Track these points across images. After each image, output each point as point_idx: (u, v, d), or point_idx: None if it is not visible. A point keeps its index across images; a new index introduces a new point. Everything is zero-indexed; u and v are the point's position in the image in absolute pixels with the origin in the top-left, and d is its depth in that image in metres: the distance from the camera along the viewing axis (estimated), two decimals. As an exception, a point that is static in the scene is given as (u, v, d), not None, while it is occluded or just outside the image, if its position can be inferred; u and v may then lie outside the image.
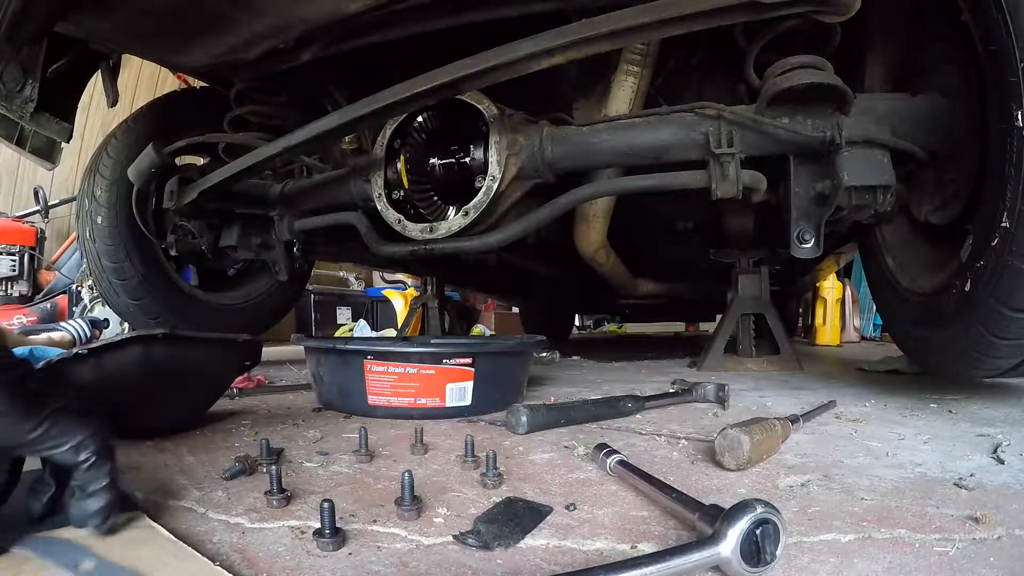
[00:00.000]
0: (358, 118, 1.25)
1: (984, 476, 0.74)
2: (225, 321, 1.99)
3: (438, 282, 2.88)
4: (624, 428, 1.05)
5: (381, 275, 5.15)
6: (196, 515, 0.63)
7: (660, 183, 1.31)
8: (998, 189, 0.95)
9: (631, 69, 1.44)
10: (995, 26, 0.92)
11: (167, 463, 0.82)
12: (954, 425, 1.06)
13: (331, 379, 1.23)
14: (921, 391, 1.43)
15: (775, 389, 1.54)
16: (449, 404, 1.12)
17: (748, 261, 2.09)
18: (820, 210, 1.27)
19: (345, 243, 1.94)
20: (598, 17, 1.07)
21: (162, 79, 4.21)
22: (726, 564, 0.47)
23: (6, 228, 3.45)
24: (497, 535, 0.56)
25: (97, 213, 1.70)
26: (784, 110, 1.23)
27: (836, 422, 1.10)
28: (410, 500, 0.62)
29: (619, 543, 0.55)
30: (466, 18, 1.29)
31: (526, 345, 1.33)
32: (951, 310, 1.10)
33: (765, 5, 1.01)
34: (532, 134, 1.36)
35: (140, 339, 0.98)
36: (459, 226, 1.38)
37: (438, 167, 1.51)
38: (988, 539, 0.55)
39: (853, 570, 0.49)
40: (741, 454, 0.76)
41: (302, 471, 0.79)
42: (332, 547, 0.53)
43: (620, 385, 1.66)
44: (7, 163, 4.40)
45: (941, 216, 1.27)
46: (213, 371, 1.12)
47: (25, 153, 1.69)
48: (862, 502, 0.65)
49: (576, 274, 2.44)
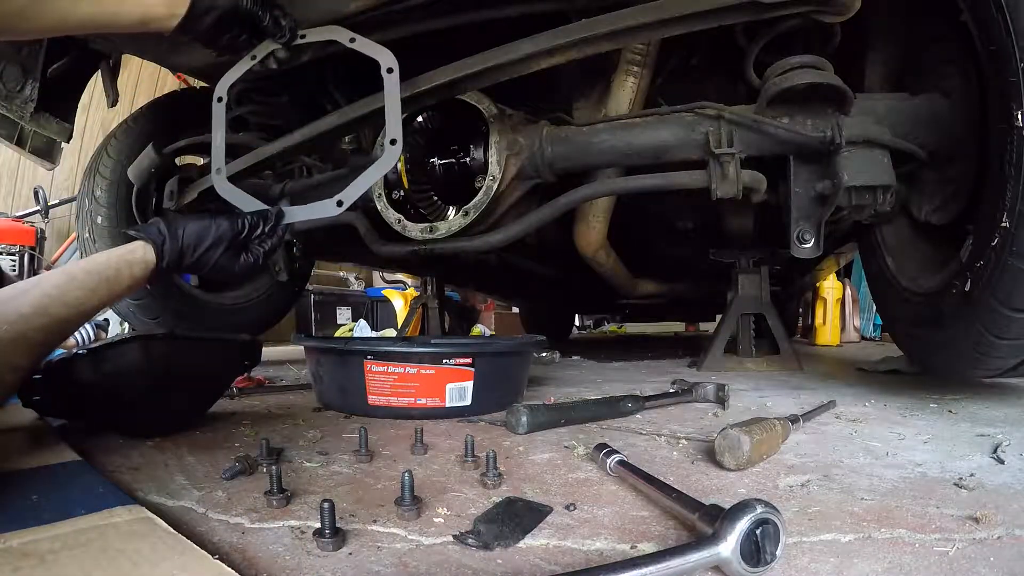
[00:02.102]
0: (358, 118, 1.25)
1: (984, 476, 0.74)
2: (225, 321, 1.99)
3: (438, 282, 2.88)
4: (624, 428, 1.05)
5: (381, 275, 5.15)
6: (196, 515, 0.63)
7: (660, 183, 1.31)
8: (998, 189, 0.95)
9: (631, 69, 1.44)
10: (995, 26, 0.92)
11: (167, 463, 0.82)
12: (954, 425, 1.06)
13: (331, 379, 1.23)
14: (921, 391, 1.43)
15: (775, 389, 1.54)
16: (449, 404, 1.12)
17: (748, 261, 2.09)
18: (820, 210, 1.27)
19: (345, 243, 1.94)
20: (598, 17, 1.07)
21: (162, 79, 4.21)
22: (726, 564, 0.47)
23: (6, 228, 3.45)
24: (497, 535, 0.56)
25: (97, 213, 1.70)
26: (784, 110, 1.23)
27: (836, 422, 1.10)
28: (410, 500, 0.62)
29: (619, 543, 0.55)
30: (466, 18, 1.29)
31: (526, 345, 1.33)
32: (951, 310, 1.10)
33: (765, 5, 1.01)
34: (532, 134, 1.36)
35: (140, 339, 0.99)
36: (459, 226, 1.38)
37: (438, 167, 1.51)
38: (988, 539, 0.55)
39: (853, 570, 0.49)
40: (741, 454, 0.76)
41: (302, 471, 0.79)
42: (332, 547, 0.53)
43: (620, 385, 1.66)
44: (7, 163, 4.41)
45: (941, 216, 1.27)
46: (213, 371, 1.12)
47: (25, 153, 1.69)
48: (862, 502, 0.65)
49: (576, 274, 2.44)
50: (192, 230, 0.91)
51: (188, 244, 0.89)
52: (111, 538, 0.51)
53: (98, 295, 0.81)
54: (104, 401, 0.95)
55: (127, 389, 0.95)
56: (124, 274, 0.84)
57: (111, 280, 0.82)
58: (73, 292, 0.79)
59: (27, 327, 0.74)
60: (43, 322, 0.75)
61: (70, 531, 0.52)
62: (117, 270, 0.83)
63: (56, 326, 0.77)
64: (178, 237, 0.89)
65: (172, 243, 0.88)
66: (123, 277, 0.83)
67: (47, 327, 0.76)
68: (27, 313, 0.74)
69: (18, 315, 0.73)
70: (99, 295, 0.81)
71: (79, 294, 0.79)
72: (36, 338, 0.75)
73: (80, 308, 0.79)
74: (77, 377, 0.92)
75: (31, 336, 0.74)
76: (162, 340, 1.02)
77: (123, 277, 0.83)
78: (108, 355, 0.95)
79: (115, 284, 0.82)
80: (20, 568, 0.46)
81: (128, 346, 0.97)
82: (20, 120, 1.42)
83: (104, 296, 0.82)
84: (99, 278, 0.82)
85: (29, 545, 0.50)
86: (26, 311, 0.74)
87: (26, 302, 0.75)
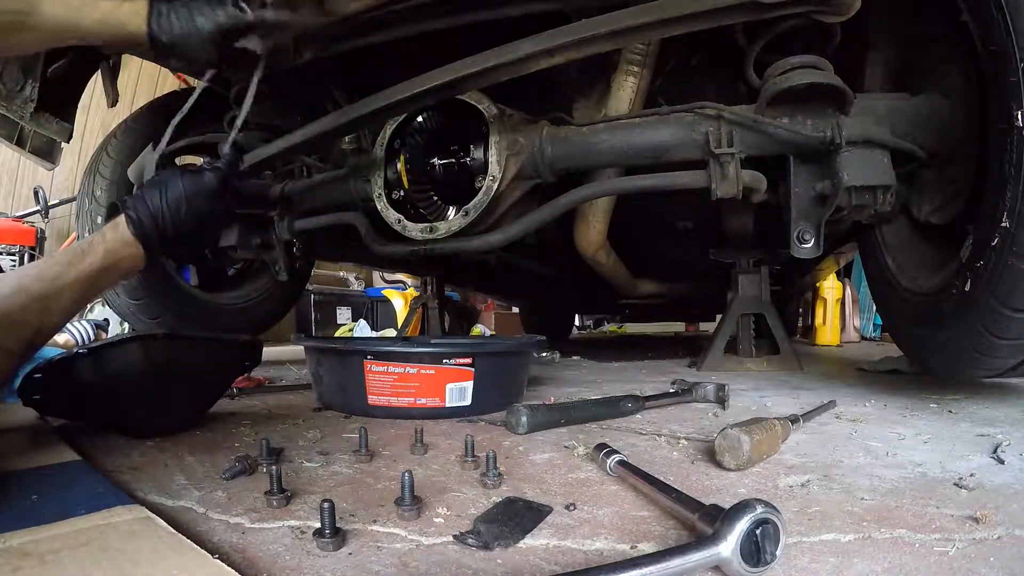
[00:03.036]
0: (358, 118, 1.25)
1: (984, 476, 0.74)
2: (225, 321, 1.99)
3: (438, 282, 2.88)
4: (624, 428, 1.05)
5: (381, 275, 5.15)
6: (196, 515, 0.63)
7: (660, 183, 1.31)
8: (998, 189, 0.95)
9: (631, 69, 1.44)
10: (995, 26, 0.92)
11: (167, 463, 0.82)
12: (954, 425, 1.06)
13: (331, 379, 1.23)
14: (921, 391, 1.43)
15: (775, 389, 1.54)
16: (449, 404, 1.12)
17: (748, 261, 2.09)
18: (820, 210, 1.27)
19: (345, 243, 1.94)
20: (598, 17, 1.07)
21: (162, 79, 4.20)
22: (726, 564, 0.47)
23: (6, 228, 3.45)
24: (497, 535, 0.56)
25: (97, 213, 1.70)
26: (784, 110, 1.23)
27: (836, 422, 1.10)
28: (410, 500, 0.62)
29: (619, 543, 0.55)
30: (466, 18, 1.29)
31: (526, 345, 1.33)
32: (951, 310, 1.10)
33: (765, 5, 1.01)
34: (532, 134, 1.36)
35: (140, 339, 0.99)
36: (459, 226, 1.38)
37: (438, 167, 1.51)
38: (988, 539, 0.55)
39: (853, 570, 0.49)
40: (741, 454, 0.76)
41: (302, 471, 0.79)
42: (332, 547, 0.53)
43: (620, 385, 1.66)
44: (7, 163, 4.41)
45: (941, 216, 1.27)
46: (213, 371, 1.12)
47: (25, 153, 1.68)
48: (862, 502, 0.65)
49: (576, 274, 2.44)
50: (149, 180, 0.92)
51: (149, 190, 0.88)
52: (111, 538, 0.51)
53: (75, 268, 0.82)
54: (104, 401, 0.95)
55: (127, 389, 0.95)
56: (96, 240, 0.85)
57: (86, 251, 0.84)
58: (50, 268, 0.82)
59: (8, 306, 0.76)
60: (22, 300, 0.78)
61: (70, 531, 0.52)
62: (91, 242, 0.85)
63: (36, 304, 0.79)
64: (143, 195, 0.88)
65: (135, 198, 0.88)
66: (95, 244, 0.85)
67: (26, 305, 0.78)
68: (7, 292, 0.77)
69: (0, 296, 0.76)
70: (76, 266, 0.82)
71: (56, 269, 0.82)
72: (19, 317, 0.77)
73: (56, 282, 0.81)
74: (77, 376, 0.92)
75: (15, 316, 0.77)
76: (162, 340, 1.01)
77: (95, 244, 0.85)
78: (108, 355, 0.95)
79: (88, 252, 0.84)
80: (20, 568, 0.46)
81: (128, 346, 0.97)
82: (20, 120, 1.42)
83: (82, 266, 0.83)
84: (74, 252, 0.84)
85: (29, 545, 0.50)
86: (6, 291, 0.77)
87: (6, 284, 0.78)
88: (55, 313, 0.82)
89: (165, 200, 0.88)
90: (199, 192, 0.90)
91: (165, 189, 0.88)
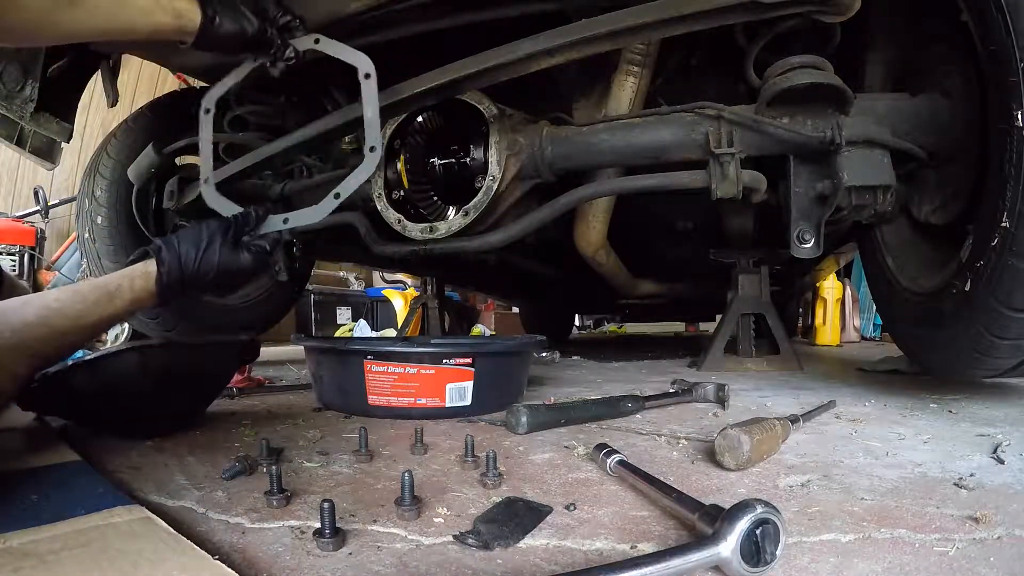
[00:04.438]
0: (358, 118, 1.25)
1: (984, 476, 0.74)
2: (225, 321, 1.99)
3: (438, 282, 2.88)
4: (624, 428, 1.05)
5: (381, 275, 5.15)
6: (196, 515, 0.63)
7: (660, 183, 1.31)
8: (998, 189, 0.95)
9: (631, 69, 1.44)
10: (995, 26, 0.92)
11: (167, 463, 0.82)
12: (954, 425, 1.06)
13: (331, 379, 1.23)
14: (921, 391, 1.43)
15: (775, 389, 1.54)
16: (449, 404, 1.12)
17: (748, 261, 2.09)
18: (820, 210, 1.27)
19: (345, 243, 1.94)
20: (598, 17, 1.07)
21: (162, 79, 4.20)
22: (726, 564, 0.47)
23: (6, 228, 3.45)
24: (497, 535, 0.56)
25: (97, 213, 1.70)
26: (784, 110, 1.23)
27: (836, 422, 1.10)
28: (410, 500, 0.62)
29: (619, 543, 0.55)
30: (466, 18, 1.29)
31: (526, 345, 1.33)
32: (951, 310, 1.10)
33: (765, 5, 1.01)
34: (532, 134, 1.36)
35: (137, 348, 0.99)
36: (459, 226, 1.38)
37: (438, 167, 1.51)
38: (988, 539, 0.55)
39: (853, 570, 0.49)
40: (741, 454, 0.76)
41: (302, 471, 0.79)
42: (332, 547, 0.53)
43: (620, 385, 1.66)
44: (7, 163, 4.41)
45: (941, 216, 1.27)
46: (212, 374, 1.12)
47: (25, 153, 1.68)
48: (862, 502, 0.65)
49: (576, 274, 2.44)
50: (185, 233, 0.94)
51: (185, 250, 0.91)
52: (111, 538, 0.51)
53: (98, 309, 0.83)
54: (102, 409, 0.95)
55: (125, 398, 0.94)
56: (124, 287, 0.86)
57: (112, 293, 0.85)
58: (74, 305, 0.82)
59: (29, 335, 0.76)
60: (43, 332, 0.77)
61: (70, 531, 0.52)
62: (118, 285, 0.86)
63: (55, 338, 0.79)
64: (173, 243, 0.91)
65: (169, 250, 0.90)
66: (123, 290, 0.86)
67: (46, 338, 0.78)
68: (31, 322, 0.77)
69: (23, 323, 0.76)
70: (99, 309, 0.83)
71: (79, 307, 0.82)
72: (35, 348, 0.77)
73: (79, 321, 0.81)
74: (75, 385, 0.92)
75: (32, 345, 0.77)
76: (159, 348, 1.02)
77: (123, 290, 0.86)
78: (105, 364, 0.94)
79: (116, 297, 0.85)
80: (20, 568, 0.46)
81: (125, 355, 0.97)
82: (20, 120, 1.42)
83: (105, 310, 0.84)
84: (100, 291, 0.84)
85: (29, 545, 0.50)
86: (30, 319, 0.77)
87: (31, 311, 0.78)
88: (69, 347, 0.84)
89: (197, 264, 0.90)
90: (232, 270, 0.94)
91: (201, 252, 0.91)
